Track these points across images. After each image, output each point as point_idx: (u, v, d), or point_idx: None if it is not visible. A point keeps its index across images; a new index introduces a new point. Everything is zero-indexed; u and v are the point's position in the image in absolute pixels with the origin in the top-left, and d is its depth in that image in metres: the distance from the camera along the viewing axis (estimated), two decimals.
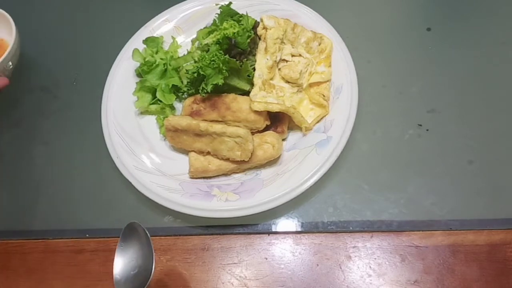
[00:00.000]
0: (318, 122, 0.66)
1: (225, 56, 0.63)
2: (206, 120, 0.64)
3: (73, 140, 0.73)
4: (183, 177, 0.65)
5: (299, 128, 0.66)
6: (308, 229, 0.62)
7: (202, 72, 0.63)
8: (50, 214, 0.67)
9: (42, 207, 0.68)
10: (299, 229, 0.62)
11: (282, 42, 0.69)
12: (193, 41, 0.75)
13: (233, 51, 0.69)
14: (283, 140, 0.66)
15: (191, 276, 0.61)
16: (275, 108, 0.63)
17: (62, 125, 0.75)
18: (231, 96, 0.65)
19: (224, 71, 0.62)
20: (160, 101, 0.70)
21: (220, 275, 0.60)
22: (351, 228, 0.61)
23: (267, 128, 0.66)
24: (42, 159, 0.72)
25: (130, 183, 0.64)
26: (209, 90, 0.63)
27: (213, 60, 0.62)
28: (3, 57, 0.72)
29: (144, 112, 0.71)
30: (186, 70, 0.68)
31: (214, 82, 0.63)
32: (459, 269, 0.58)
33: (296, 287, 0.59)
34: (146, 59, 0.71)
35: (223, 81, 0.63)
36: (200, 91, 0.65)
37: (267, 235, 0.63)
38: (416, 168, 0.64)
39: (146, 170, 0.65)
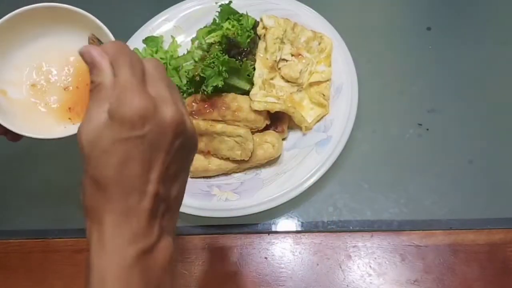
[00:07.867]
0: (318, 121, 0.66)
1: (225, 56, 0.63)
2: (206, 120, 0.64)
3: (73, 139, 0.73)
4: None
5: (299, 127, 0.66)
6: (308, 228, 0.62)
7: (202, 74, 0.63)
8: (50, 214, 0.67)
9: (42, 207, 0.68)
10: (299, 229, 0.62)
11: (282, 42, 0.69)
12: (193, 41, 0.75)
13: (233, 51, 0.69)
14: (283, 139, 0.66)
15: (191, 276, 0.60)
16: (275, 107, 0.63)
17: None
18: (231, 95, 0.65)
19: (224, 72, 0.62)
20: None
21: (220, 275, 0.60)
22: (351, 227, 0.61)
23: (267, 128, 0.66)
24: (42, 158, 0.72)
25: None
26: (209, 91, 0.63)
27: (213, 62, 0.62)
28: None
29: None
30: (186, 70, 0.68)
31: (214, 84, 0.63)
32: (459, 269, 0.58)
33: (296, 287, 0.59)
34: None
35: (222, 83, 0.63)
36: (200, 92, 0.65)
37: (267, 234, 0.63)
38: (416, 168, 0.64)
39: None
